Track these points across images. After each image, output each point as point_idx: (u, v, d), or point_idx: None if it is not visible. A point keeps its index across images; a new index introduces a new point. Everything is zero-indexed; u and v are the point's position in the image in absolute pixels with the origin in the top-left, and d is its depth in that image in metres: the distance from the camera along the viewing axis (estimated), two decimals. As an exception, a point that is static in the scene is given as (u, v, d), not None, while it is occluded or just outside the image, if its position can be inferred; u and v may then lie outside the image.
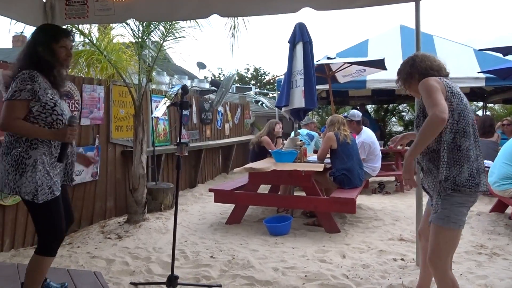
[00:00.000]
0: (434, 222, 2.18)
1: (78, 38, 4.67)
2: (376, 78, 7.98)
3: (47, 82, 2.34)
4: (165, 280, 2.88)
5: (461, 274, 3.15)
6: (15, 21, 3.62)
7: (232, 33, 4.75)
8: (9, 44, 16.59)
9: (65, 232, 2.57)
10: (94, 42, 4.66)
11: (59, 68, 2.43)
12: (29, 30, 3.69)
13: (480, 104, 12.68)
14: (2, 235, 3.72)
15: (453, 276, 2.23)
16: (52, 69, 2.37)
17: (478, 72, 7.68)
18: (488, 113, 11.81)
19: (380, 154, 5.73)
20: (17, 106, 2.20)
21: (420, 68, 2.30)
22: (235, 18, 4.66)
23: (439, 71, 2.30)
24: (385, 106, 13.75)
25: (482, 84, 8.01)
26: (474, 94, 10.92)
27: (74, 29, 4.36)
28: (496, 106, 14.19)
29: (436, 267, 2.18)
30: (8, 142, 2.26)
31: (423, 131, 2.03)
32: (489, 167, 5.04)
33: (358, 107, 11.44)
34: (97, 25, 4.82)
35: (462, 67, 8.13)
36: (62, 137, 2.25)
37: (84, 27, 4.49)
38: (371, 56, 8.38)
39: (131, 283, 3.05)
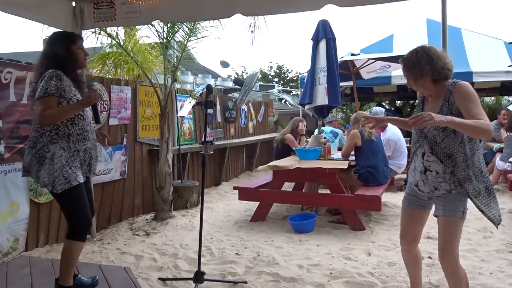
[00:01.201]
0: (452, 215, 2.18)
1: (106, 40, 4.82)
2: (401, 74, 7.77)
3: (70, 80, 2.52)
4: (192, 276, 2.95)
5: (491, 273, 3.09)
6: (47, 25, 3.76)
7: (252, 30, 4.78)
8: (39, 47, 17.14)
9: None
10: (121, 43, 4.78)
11: (79, 68, 2.63)
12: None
13: (511, 98, 12.28)
14: (37, 232, 3.88)
15: (461, 266, 2.25)
16: (74, 70, 2.56)
17: (509, 66, 7.44)
18: (520, 107, 11.40)
19: (406, 151, 5.63)
20: (46, 101, 2.40)
21: (438, 66, 2.18)
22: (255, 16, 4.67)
23: (451, 71, 2.22)
24: (411, 102, 13.48)
25: (513, 77, 7.76)
26: (505, 88, 10.57)
27: (102, 31, 4.49)
28: (529, 101, 13.68)
29: (451, 260, 2.18)
30: (34, 137, 2.50)
31: (475, 126, 1.99)
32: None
33: (387, 102, 11.25)
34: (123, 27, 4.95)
35: (493, 60, 7.90)
36: (88, 101, 2.49)
37: (112, 30, 4.61)
38: (396, 51, 8.24)
39: (159, 279, 3.13)
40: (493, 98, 12.66)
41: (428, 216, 2.44)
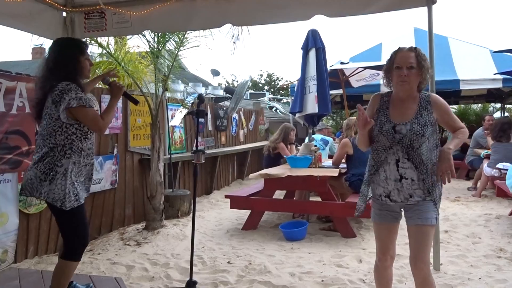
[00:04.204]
0: (426, 223, 2.17)
1: (96, 49, 4.82)
2: (390, 82, 7.94)
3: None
4: (184, 285, 2.94)
5: (479, 278, 3.13)
6: (37, 36, 3.76)
7: (234, 41, 4.82)
8: (28, 57, 17.04)
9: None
10: (112, 53, 4.79)
11: (83, 78, 2.59)
12: (48, 43, 3.83)
13: (498, 105, 12.50)
14: (26, 243, 3.84)
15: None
16: (80, 81, 2.51)
17: (495, 74, 7.59)
18: (506, 114, 11.61)
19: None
20: (90, 111, 2.45)
21: (428, 77, 2.30)
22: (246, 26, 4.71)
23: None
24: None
25: (499, 85, 7.92)
26: (491, 95, 10.78)
27: (92, 41, 4.49)
28: (515, 107, 13.96)
29: (423, 268, 2.17)
30: (43, 153, 2.40)
31: (463, 140, 2.30)
32: (507, 170, 4.99)
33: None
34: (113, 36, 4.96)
35: (479, 68, 8.06)
36: (119, 92, 2.66)
37: (102, 39, 4.61)
38: (385, 60, 8.29)
39: (151, 289, 3.12)
40: (480, 105, 12.87)
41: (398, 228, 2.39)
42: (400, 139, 2.19)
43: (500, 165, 5.90)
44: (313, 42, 5.22)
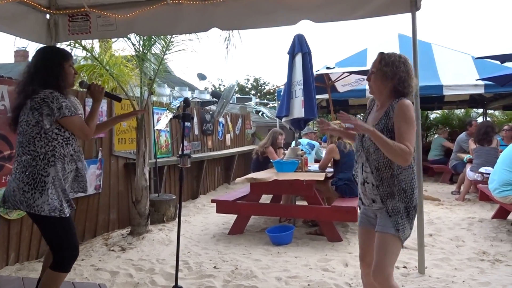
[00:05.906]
0: (383, 231, 2.13)
1: (80, 53, 4.75)
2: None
3: None
4: (169, 291, 2.91)
5: (463, 281, 3.17)
6: (20, 38, 3.69)
7: (227, 44, 4.81)
8: (11, 59, 16.74)
9: None
10: (96, 56, 4.73)
11: (68, 87, 2.52)
12: (32, 46, 3.78)
13: (480, 110, 12.76)
14: (7, 249, 3.74)
15: (396, 284, 2.17)
16: (65, 88, 2.45)
17: (477, 80, 7.74)
18: (488, 119, 11.85)
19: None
20: (77, 119, 2.39)
21: (407, 81, 2.18)
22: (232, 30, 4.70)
23: (410, 93, 2.21)
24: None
25: (481, 91, 8.08)
26: (474, 101, 11.01)
27: (76, 44, 4.43)
28: (497, 112, 14.24)
29: (381, 279, 2.11)
30: (24, 161, 2.30)
31: (392, 147, 2.02)
32: (489, 174, 5.08)
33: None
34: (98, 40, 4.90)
35: (461, 74, 8.22)
36: (101, 95, 2.58)
37: (87, 42, 4.56)
38: (370, 65, 8.44)
39: (135, 295, 3.07)
40: (463, 110, 13.12)
41: None
42: (363, 143, 2.25)
43: (482, 169, 6.01)
44: (299, 47, 5.24)
